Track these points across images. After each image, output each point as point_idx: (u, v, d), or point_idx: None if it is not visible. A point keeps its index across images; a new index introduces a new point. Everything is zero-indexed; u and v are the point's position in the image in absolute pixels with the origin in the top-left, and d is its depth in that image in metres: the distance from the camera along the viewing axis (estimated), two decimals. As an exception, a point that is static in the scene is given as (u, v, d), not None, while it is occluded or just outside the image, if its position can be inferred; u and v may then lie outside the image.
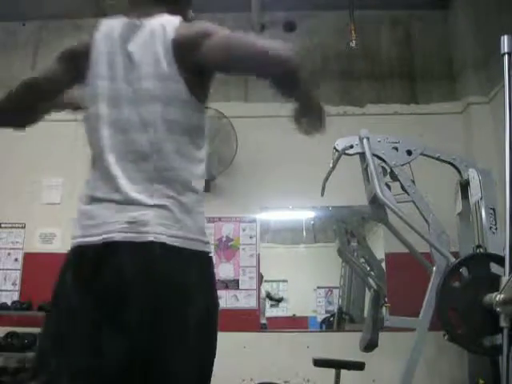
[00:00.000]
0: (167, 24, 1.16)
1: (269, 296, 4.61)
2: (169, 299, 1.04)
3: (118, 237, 1.05)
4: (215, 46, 1.11)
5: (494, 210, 2.83)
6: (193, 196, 1.13)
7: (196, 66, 1.13)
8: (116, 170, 1.10)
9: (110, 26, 1.22)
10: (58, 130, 4.41)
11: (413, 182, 2.94)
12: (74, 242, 1.12)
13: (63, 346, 1.05)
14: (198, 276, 1.09)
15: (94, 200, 1.12)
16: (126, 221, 1.06)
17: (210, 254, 1.16)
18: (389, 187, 2.91)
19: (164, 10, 1.22)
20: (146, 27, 1.17)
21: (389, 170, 2.95)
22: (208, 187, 3.81)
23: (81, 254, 1.09)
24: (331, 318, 4.63)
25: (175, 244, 1.06)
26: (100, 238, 1.06)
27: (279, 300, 4.70)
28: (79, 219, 1.15)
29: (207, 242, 1.14)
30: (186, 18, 1.25)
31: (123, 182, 1.09)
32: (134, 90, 1.13)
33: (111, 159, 1.11)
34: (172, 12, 1.22)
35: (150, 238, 1.04)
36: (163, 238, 1.05)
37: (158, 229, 1.05)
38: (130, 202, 1.08)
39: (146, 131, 1.11)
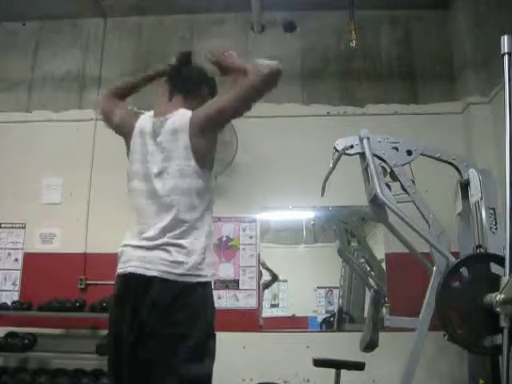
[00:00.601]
0: (184, 118, 1.63)
1: (265, 284, 4.51)
2: (158, 314, 1.49)
3: (133, 270, 1.54)
4: (223, 110, 1.60)
5: (494, 210, 2.83)
6: (195, 241, 1.56)
7: (209, 136, 1.63)
8: (146, 224, 1.59)
9: (144, 122, 1.71)
10: (58, 131, 4.42)
11: (413, 181, 2.94)
12: (117, 273, 1.61)
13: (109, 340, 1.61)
14: (187, 299, 1.50)
15: (126, 245, 1.62)
16: (140, 260, 1.54)
17: (205, 282, 1.55)
18: (389, 187, 2.91)
19: (186, 106, 1.71)
20: (169, 122, 1.65)
21: (389, 170, 2.95)
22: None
23: (118, 280, 1.60)
24: (331, 318, 4.62)
25: (170, 278, 1.50)
26: (125, 270, 1.56)
27: (275, 278, 4.55)
28: (119, 257, 1.63)
29: (202, 275, 1.54)
30: (198, 106, 1.70)
31: (148, 233, 1.57)
32: (159, 168, 1.62)
33: (145, 217, 1.60)
34: (190, 107, 1.70)
35: (154, 273, 1.51)
36: (164, 275, 1.50)
37: (160, 267, 1.51)
38: (147, 247, 1.55)
39: (168, 196, 1.59)
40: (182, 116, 1.65)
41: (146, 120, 1.71)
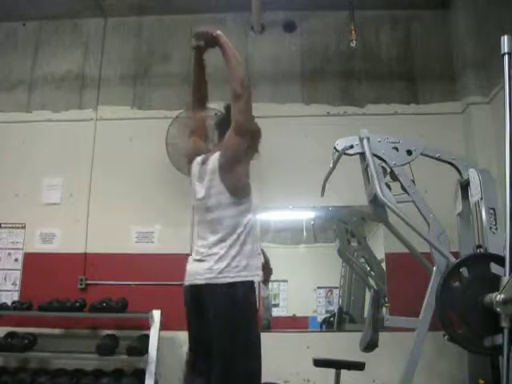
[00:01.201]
0: (216, 159, 2.05)
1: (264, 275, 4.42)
2: (208, 309, 1.95)
3: (192, 283, 2.02)
4: (237, 136, 2.04)
5: (494, 209, 2.83)
6: (234, 251, 1.96)
7: (237, 168, 2.04)
8: (199, 244, 2.09)
9: (195, 165, 2.18)
10: (58, 131, 4.42)
11: (413, 181, 2.94)
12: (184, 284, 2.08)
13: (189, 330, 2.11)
14: (226, 296, 1.92)
15: (191, 257, 2.12)
16: (193, 272, 2.02)
17: (229, 282, 1.91)
18: (389, 187, 2.91)
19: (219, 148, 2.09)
20: (209, 165, 2.08)
21: (389, 170, 2.95)
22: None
23: (184, 290, 2.09)
24: (331, 318, 4.62)
25: (210, 282, 1.93)
26: (188, 282, 2.05)
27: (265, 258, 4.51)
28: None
29: (228, 276, 1.92)
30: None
31: (200, 250, 2.06)
32: (204, 203, 2.08)
33: (200, 238, 2.10)
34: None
35: (200, 282, 1.97)
36: (205, 281, 1.95)
37: (205, 276, 1.96)
38: (198, 259, 2.03)
39: (212, 223, 2.04)
40: (215, 158, 2.06)
41: (196, 164, 2.18)
